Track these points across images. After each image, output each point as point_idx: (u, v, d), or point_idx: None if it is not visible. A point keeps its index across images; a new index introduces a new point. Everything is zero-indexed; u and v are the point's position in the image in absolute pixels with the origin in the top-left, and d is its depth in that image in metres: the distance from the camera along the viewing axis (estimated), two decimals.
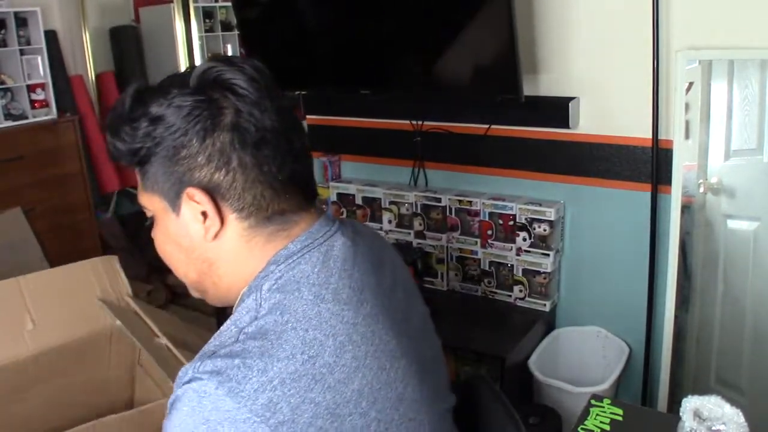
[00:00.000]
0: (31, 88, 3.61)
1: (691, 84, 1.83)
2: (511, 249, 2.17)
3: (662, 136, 1.91)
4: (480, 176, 2.29)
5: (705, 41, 1.79)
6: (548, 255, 2.10)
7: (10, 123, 3.50)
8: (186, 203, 0.73)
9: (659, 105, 1.88)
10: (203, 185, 0.71)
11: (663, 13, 1.82)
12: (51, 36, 3.71)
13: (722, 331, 1.95)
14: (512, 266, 2.18)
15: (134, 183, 0.79)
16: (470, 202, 2.22)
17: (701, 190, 1.91)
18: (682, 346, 1.99)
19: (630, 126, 1.97)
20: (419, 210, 2.33)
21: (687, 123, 1.86)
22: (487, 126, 2.17)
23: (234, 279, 0.76)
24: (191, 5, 4.74)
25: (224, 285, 0.78)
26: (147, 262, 3.50)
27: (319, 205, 0.84)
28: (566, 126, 1.99)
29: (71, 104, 3.86)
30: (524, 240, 2.13)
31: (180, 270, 0.80)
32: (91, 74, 4.17)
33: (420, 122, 2.31)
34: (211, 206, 0.72)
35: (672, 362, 1.95)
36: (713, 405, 1.06)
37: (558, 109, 1.98)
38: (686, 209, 1.90)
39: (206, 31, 4.99)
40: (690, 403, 1.08)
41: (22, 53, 3.56)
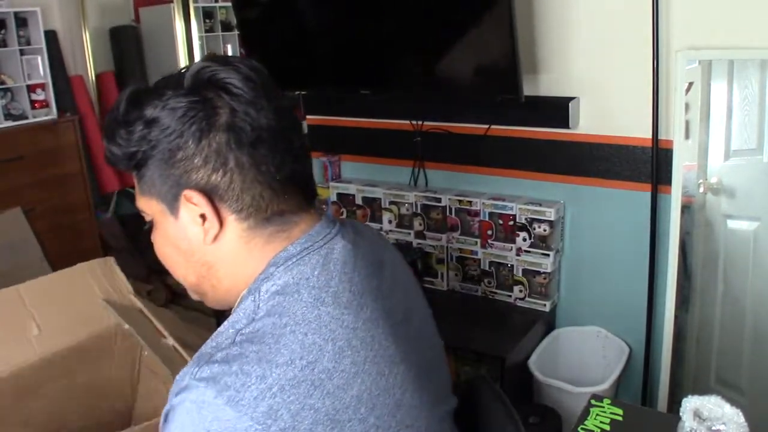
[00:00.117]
0: (31, 88, 3.61)
1: (691, 84, 1.83)
2: (511, 249, 2.17)
3: (662, 136, 1.91)
4: (480, 176, 2.29)
5: (705, 41, 1.79)
6: (548, 255, 2.10)
7: (10, 123, 3.50)
8: (184, 206, 0.72)
9: (659, 105, 1.88)
10: (200, 187, 0.70)
11: (663, 13, 1.82)
12: (51, 36, 3.71)
13: (722, 331, 1.95)
14: (512, 266, 2.18)
15: (134, 183, 0.78)
16: (470, 202, 2.22)
17: (701, 190, 1.91)
18: (682, 346, 1.99)
19: (630, 126, 1.97)
20: (419, 210, 2.33)
21: (687, 123, 1.86)
22: (487, 126, 2.17)
23: (233, 281, 0.76)
24: (191, 5, 4.74)
25: (223, 287, 0.77)
26: (147, 263, 3.49)
27: (320, 206, 0.83)
28: (566, 126, 1.99)
29: (71, 104, 3.86)
30: (524, 240, 2.13)
31: (179, 273, 0.80)
32: (91, 74, 4.17)
33: (420, 122, 2.31)
34: (210, 208, 0.71)
35: (672, 362, 1.95)
36: (713, 405, 1.06)
37: (558, 109, 1.98)
38: (686, 209, 1.90)
39: (206, 31, 4.99)
40: (690, 403, 1.08)
41: (22, 53, 3.56)
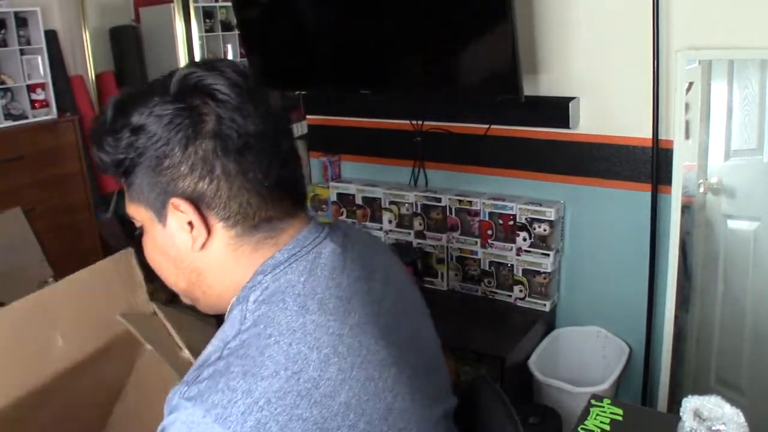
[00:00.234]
0: (31, 88, 3.61)
1: (691, 84, 1.83)
2: (511, 249, 2.17)
3: (662, 136, 1.91)
4: (480, 176, 2.29)
5: (705, 41, 1.79)
6: (548, 255, 2.10)
7: (10, 123, 3.50)
8: (172, 213, 0.72)
9: (659, 105, 1.88)
10: (187, 195, 0.70)
11: (663, 13, 1.82)
12: (51, 36, 3.71)
13: (722, 331, 1.95)
14: (512, 266, 2.18)
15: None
16: (470, 202, 2.22)
17: (701, 190, 1.91)
18: (682, 346, 1.99)
19: (630, 126, 1.97)
20: (419, 210, 2.33)
21: (687, 123, 1.86)
22: (487, 126, 2.17)
23: (223, 288, 0.76)
24: (191, 5, 4.74)
25: (214, 294, 0.78)
26: (147, 263, 3.49)
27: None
28: (566, 126, 1.99)
29: (71, 104, 3.86)
30: (524, 240, 2.13)
31: (170, 279, 0.80)
32: (91, 74, 4.16)
33: (420, 122, 2.31)
34: (197, 216, 0.71)
35: (672, 362, 1.95)
36: (713, 405, 1.06)
37: (558, 109, 1.98)
38: (686, 209, 1.90)
39: (206, 31, 4.99)
40: (690, 403, 1.08)
41: (22, 53, 3.55)
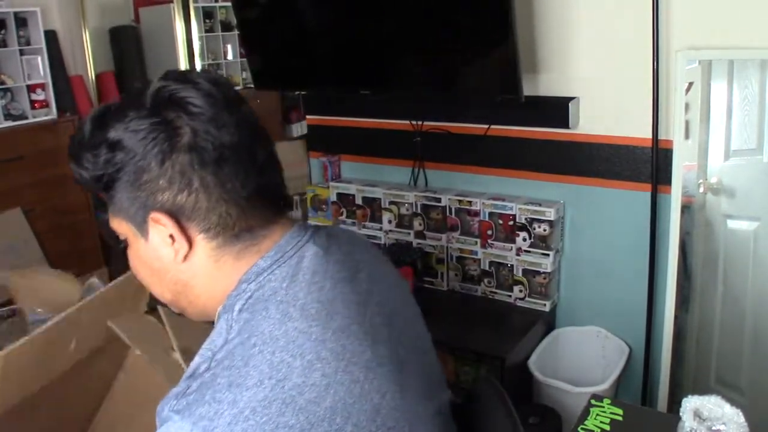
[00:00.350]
0: (31, 88, 3.61)
1: (691, 84, 1.83)
2: (511, 249, 2.17)
3: (662, 136, 1.91)
4: (480, 176, 2.29)
5: (705, 41, 1.79)
6: (548, 255, 2.10)
7: (10, 123, 3.50)
8: (153, 227, 0.73)
9: (659, 105, 1.88)
10: (167, 208, 0.71)
11: (663, 13, 1.82)
12: (51, 36, 3.71)
13: (722, 331, 1.95)
14: (512, 266, 2.18)
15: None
16: (470, 202, 2.22)
17: (701, 190, 1.91)
18: (682, 346, 1.99)
19: (630, 126, 1.97)
20: (419, 210, 2.33)
21: (687, 123, 1.86)
22: (487, 126, 2.17)
23: (208, 297, 0.77)
24: (191, 5, 4.74)
25: (200, 303, 0.79)
26: None
27: (292, 214, 0.82)
28: (566, 126, 1.99)
29: (71, 104, 3.86)
30: (524, 240, 2.13)
31: (156, 290, 0.81)
32: (91, 74, 4.17)
33: (420, 122, 2.31)
34: (177, 229, 0.72)
35: (672, 362, 1.95)
36: (713, 405, 1.06)
37: (558, 109, 1.98)
38: (686, 209, 1.90)
39: (206, 31, 5.00)
40: (690, 403, 1.08)
41: (22, 53, 3.56)
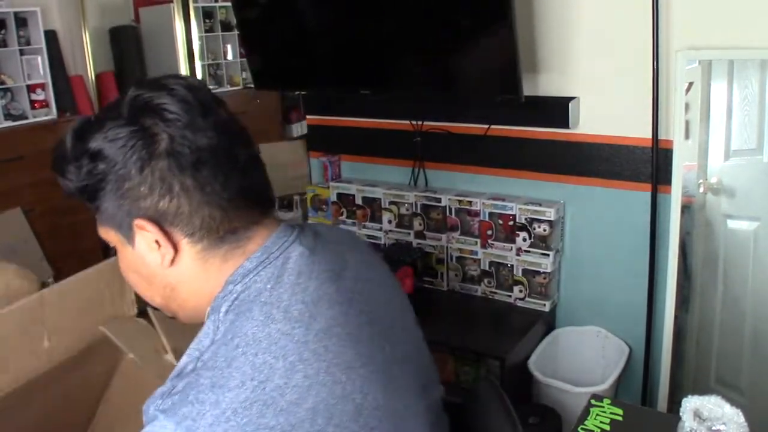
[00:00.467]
0: (31, 88, 3.61)
1: (691, 84, 1.83)
2: (511, 249, 2.17)
3: (662, 136, 1.91)
4: (480, 176, 2.29)
5: (705, 41, 1.79)
6: (548, 255, 2.10)
7: (10, 123, 3.50)
8: (138, 234, 0.74)
9: (659, 105, 1.88)
10: (150, 215, 0.72)
11: (663, 13, 1.82)
12: (51, 36, 3.71)
13: (722, 331, 1.95)
14: (512, 266, 2.18)
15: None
16: (470, 202, 2.22)
17: (701, 190, 1.91)
18: (682, 346, 1.99)
19: (630, 126, 1.97)
20: (419, 210, 2.33)
21: (687, 123, 1.86)
22: (487, 126, 2.17)
23: (197, 300, 0.78)
24: (191, 5, 4.75)
25: (189, 306, 0.80)
26: None
27: (278, 214, 0.83)
28: (566, 126, 1.99)
29: (71, 104, 3.86)
30: (524, 240, 2.13)
31: (146, 295, 0.82)
32: (91, 74, 4.17)
33: (420, 122, 2.31)
34: (161, 235, 0.73)
35: (672, 362, 1.95)
36: (713, 405, 1.06)
37: (558, 109, 1.98)
38: (686, 209, 1.90)
39: (206, 31, 5.00)
40: (690, 403, 1.08)
41: (22, 53, 3.56)
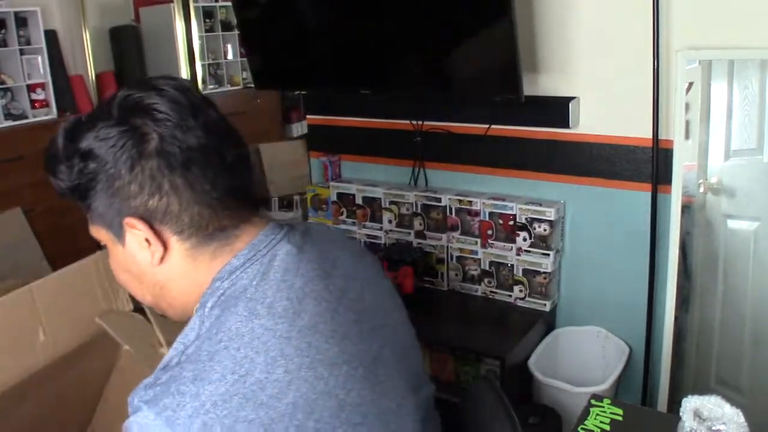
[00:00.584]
0: (31, 88, 3.62)
1: (691, 84, 1.83)
2: (511, 249, 2.17)
3: (662, 136, 1.91)
4: (480, 176, 2.29)
5: (705, 41, 1.79)
6: (548, 255, 2.10)
7: (10, 123, 3.50)
8: (129, 232, 0.75)
9: (659, 105, 1.88)
10: (140, 213, 0.73)
11: (663, 13, 1.82)
12: (51, 36, 3.72)
13: (722, 331, 1.95)
14: (512, 266, 2.18)
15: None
16: (470, 202, 2.22)
17: (701, 190, 1.91)
18: (682, 346, 1.99)
19: (630, 126, 1.97)
20: (419, 210, 2.33)
21: (687, 123, 1.86)
22: (487, 126, 2.17)
23: (187, 298, 0.78)
24: (191, 5, 4.75)
25: (179, 305, 0.80)
26: None
27: (266, 213, 0.84)
28: (566, 126, 1.99)
29: (71, 104, 3.86)
30: (524, 240, 2.13)
31: (137, 294, 0.83)
32: (91, 74, 4.17)
33: (420, 122, 2.31)
34: (151, 233, 0.73)
35: (672, 362, 1.95)
36: (713, 405, 1.06)
37: (558, 109, 1.98)
38: (686, 209, 1.90)
39: (206, 31, 5.00)
40: (690, 403, 1.08)
41: (22, 53, 3.56)
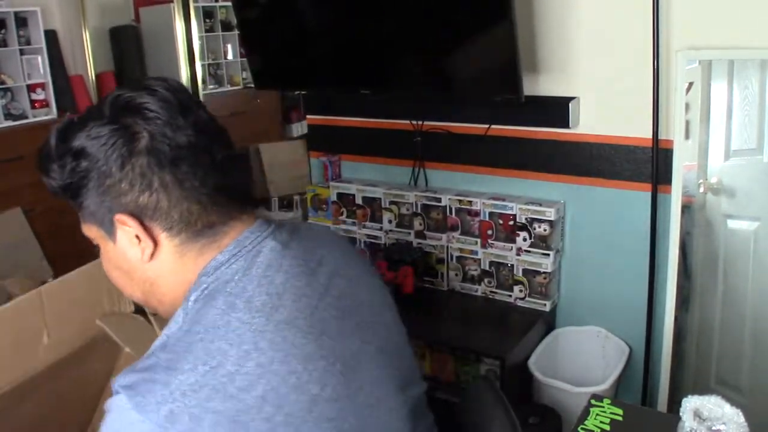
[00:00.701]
0: (31, 88, 3.62)
1: (691, 84, 1.83)
2: (511, 249, 2.17)
3: (662, 136, 1.91)
4: (480, 176, 2.29)
5: (705, 41, 1.79)
6: (548, 255, 2.10)
7: (10, 123, 3.51)
8: (119, 229, 0.76)
9: (659, 105, 1.88)
10: (131, 210, 0.75)
11: (663, 13, 1.82)
12: (51, 36, 3.72)
13: (722, 331, 1.95)
14: (512, 266, 2.18)
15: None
16: (470, 202, 2.22)
17: (701, 190, 1.91)
18: (682, 346, 1.99)
19: (630, 126, 1.97)
20: (419, 210, 2.33)
21: (687, 123, 1.86)
22: (487, 126, 2.17)
23: (175, 295, 0.80)
24: (191, 5, 4.74)
25: (168, 301, 0.82)
26: None
27: (258, 211, 0.86)
28: (566, 126, 1.99)
29: (71, 104, 3.86)
30: (524, 240, 2.13)
31: (127, 291, 0.85)
32: (91, 74, 4.17)
33: (420, 122, 2.31)
34: (141, 229, 0.75)
35: (672, 362, 1.95)
36: (713, 405, 1.06)
37: (558, 109, 1.98)
38: (686, 209, 1.90)
39: (206, 31, 5.00)
40: (690, 403, 1.08)
41: (22, 53, 3.56)
